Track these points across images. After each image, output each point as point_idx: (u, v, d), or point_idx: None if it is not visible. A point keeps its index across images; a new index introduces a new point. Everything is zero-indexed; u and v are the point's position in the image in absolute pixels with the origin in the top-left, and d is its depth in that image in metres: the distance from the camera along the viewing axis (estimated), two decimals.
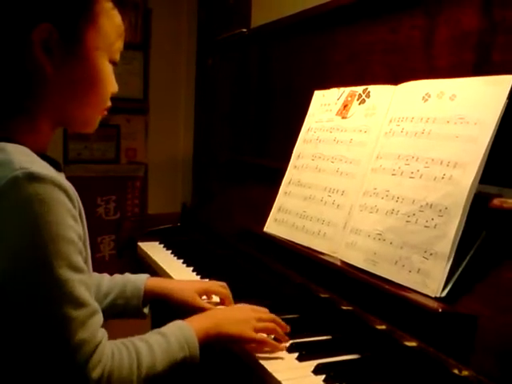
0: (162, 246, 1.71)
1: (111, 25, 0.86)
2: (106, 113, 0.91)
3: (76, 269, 0.74)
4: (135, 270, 1.66)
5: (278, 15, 1.73)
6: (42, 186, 0.72)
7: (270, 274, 1.27)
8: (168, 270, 1.43)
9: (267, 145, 1.87)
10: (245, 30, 1.81)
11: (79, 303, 0.74)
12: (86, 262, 0.79)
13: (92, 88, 0.86)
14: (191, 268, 1.46)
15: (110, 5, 0.85)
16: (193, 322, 0.92)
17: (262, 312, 1.03)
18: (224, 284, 1.21)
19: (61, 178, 0.76)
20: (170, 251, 1.64)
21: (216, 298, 1.20)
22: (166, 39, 3.06)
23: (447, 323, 0.84)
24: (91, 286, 0.79)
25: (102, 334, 0.78)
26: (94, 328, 0.76)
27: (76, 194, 0.79)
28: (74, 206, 0.77)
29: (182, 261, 1.53)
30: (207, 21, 3.07)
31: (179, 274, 1.40)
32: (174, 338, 0.86)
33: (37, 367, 0.74)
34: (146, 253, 1.62)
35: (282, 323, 1.01)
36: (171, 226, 1.88)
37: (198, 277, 1.40)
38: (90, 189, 2.85)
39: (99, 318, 0.78)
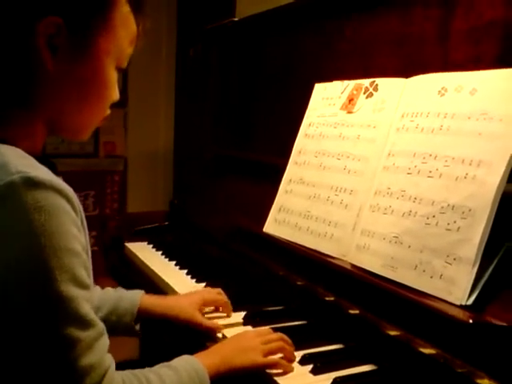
0: (150, 246, 1.63)
1: (126, 30, 0.79)
2: (102, 122, 0.83)
3: (81, 284, 0.67)
4: (122, 271, 1.59)
5: (264, 7, 1.65)
6: (42, 192, 0.64)
7: (269, 276, 1.21)
8: (161, 274, 1.35)
9: (252, 138, 1.80)
10: (236, 18, 1.73)
11: (86, 323, 0.66)
12: (88, 275, 0.70)
13: (95, 93, 0.78)
14: (185, 271, 1.38)
15: (127, 9, 0.78)
16: (201, 358, 0.86)
17: (267, 333, 0.97)
18: (219, 290, 1.16)
19: (62, 182, 0.68)
20: (161, 252, 1.55)
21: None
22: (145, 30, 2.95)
23: (478, 334, 0.78)
24: (93, 303, 0.71)
25: (110, 359, 0.70)
26: (102, 351, 0.68)
27: (78, 199, 0.71)
28: (77, 214, 0.69)
29: (174, 263, 1.45)
30: (187, 12, 2.99)
31: (173, 278, 1.32)
32: (184, 372, 0.80)
33: None
34: (136, 254, 1.53)
35: (289, 340, 0.95)
36: (159, 224, 1.80)
37: (193, 280, 1.32)
38: (68, 184, 2.73)
39: (106, 340, 0.70)
